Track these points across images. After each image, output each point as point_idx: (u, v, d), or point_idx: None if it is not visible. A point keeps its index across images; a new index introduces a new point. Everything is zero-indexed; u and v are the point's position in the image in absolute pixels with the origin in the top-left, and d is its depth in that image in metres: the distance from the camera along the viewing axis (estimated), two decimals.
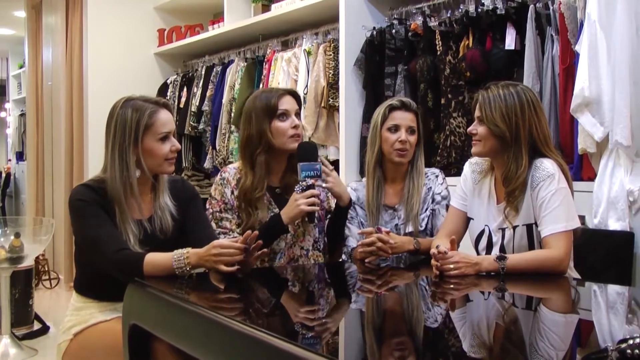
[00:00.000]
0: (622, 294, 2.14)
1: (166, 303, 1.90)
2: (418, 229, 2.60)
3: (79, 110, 5.65)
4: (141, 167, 2.21)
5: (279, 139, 2.48)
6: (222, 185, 2.52)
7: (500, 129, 2.22)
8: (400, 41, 3.70)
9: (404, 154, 2.59)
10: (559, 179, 2.19)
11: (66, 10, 5.92)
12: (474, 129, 2.29)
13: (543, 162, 2.22)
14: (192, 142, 5.31)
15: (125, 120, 2.18)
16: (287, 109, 2.49)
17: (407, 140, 2.58)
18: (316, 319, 1.78)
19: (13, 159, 9.67)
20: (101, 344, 2.18)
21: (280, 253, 2.52)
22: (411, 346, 1.52)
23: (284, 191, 2.54)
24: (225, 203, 2.50)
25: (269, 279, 2.37)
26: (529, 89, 2.32)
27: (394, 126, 2.60)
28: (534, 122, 2.23)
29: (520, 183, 2.22)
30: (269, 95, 2.51)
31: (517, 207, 2.24)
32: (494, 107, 2.23)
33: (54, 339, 3.79)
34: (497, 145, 2.25)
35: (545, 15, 3.10)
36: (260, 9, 4.64)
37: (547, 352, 1.46)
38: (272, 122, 2.47)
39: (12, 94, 9.87)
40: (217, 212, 2.50)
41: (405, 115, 2.61)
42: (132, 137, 2.18)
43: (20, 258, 3.57)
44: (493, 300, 2.01)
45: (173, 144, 2.25)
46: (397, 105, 2.63)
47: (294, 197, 2.42)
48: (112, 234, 2.14)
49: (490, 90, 2.26)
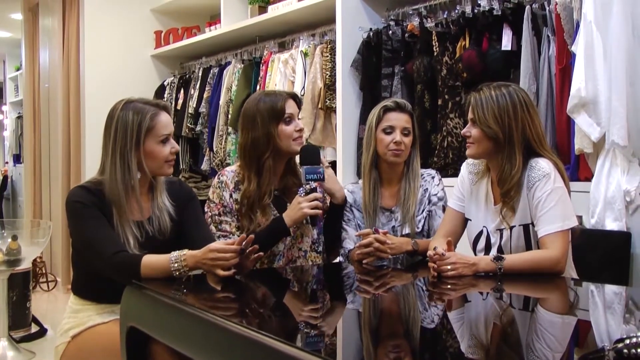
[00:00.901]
0: (619, 294, 2.14)
1: (164, 305, 1.90)
2: (415, 230, 2.59)
3: (76, 113, 5.64)
4: (142, 169, 2.21)
5: (285, 142, 2.48)
6: (220, 188, 2.52)
7: (493, 130, 2.22)
8: (397, 42, 3.70)
9: (399, 154, 2.59)
10: (554, 179, 2.19)
11: (63, 12, 5.91)
12: (468, 131, 2.30)
13: (539, 162, 2.22)
14: (190, 144, 5.31)
15: (126, 122, 2.18)
16: (292, 113, 2.50)
17: (401, 141, 2.58)
18: (314, 320, 1.78)
19: (10, 162, 9.66)
20: (99, 346, 2.18)
21: (279, 255, 2.52)
22: (409, 347, 1.52)
23: (282, 194, 2.54)
24: (224, 206, 2.50)
25: (266, 280, 2.37)
26: (521, 89, 2.33)
27: (389, 127, 2.60)
28: (526, 122, 2.23)
29: (515, 183, 2.22)
30: (274, 99, 2.50)
31: (514, 207, 2.25)
32: (486, 108, 2.23)
33: (51, 342, 3.78)
34: (491, 146, 2.25)
35: (541, 15, 3.11)
36: (257, 10, 4.64)
37: (544, 352, 1.46)
38: (279, 126, 2.47)
39: (9, 97, 9.86)
40: (216, 215, 2.50)
41: (399, 117, 2.61)
42: (134, 140, 2.18)
43: (17, 261, 3.56)
44: (491, 301, 2.01)
45: (173, 145, 2.26)
46: (391, 107, 2.63)
47: (297, 200, 2.43)
48: (110, 236, 2.14)
49: (482, 92, 2.26)
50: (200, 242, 2.16)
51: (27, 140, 6.88)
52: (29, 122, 6.83)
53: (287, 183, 2.55)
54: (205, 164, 5.06)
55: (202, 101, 5.06)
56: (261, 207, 2.48)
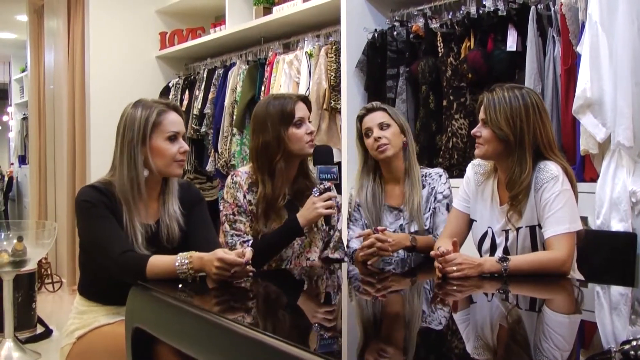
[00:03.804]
0: (625, 295, 2.13)
1: (169, 306, 1.90)
2: (423, 227, 2.61)
3: (81, 114, 5.66)
4: (149, 166, 2.21)
5: (296, 145, 2.47)
6: (233, 188, 2.51)
7: (504, 133, 2.21)
8: (402, 43, 3.70)
9: (384, 149, 2.62)
10: (562, 181, 2.19)
11: (68, 14, 5.93)
12: (478, 131, 2.29)
13: (547, 164, 2.22)
14: (194, 145, 5.32)
15: (134, 118, 2.20)
16: (302, 117, 2.49)
17: (380, 135, 2.62)
18: (319, 321, 1.78)
19: (15, 163, 9.68)
20: (104, 347, 2.18)
21: (287, 261, 2.52)
22: (415, 348, 1.52)
23: (294, 197, 2.54)
24: (239, 206, 2.49)
25: (272, 281, 2.37)
26: (534, 92, 2.31)
27: (366, 130, 2.67)
28: (538, 126, 2.22)
29: (524, 187, 2.21)
30: (284, 102, 2.49)
31: (521, 210, 2.24)
32: (499, 110, 2.22)
33: (57, 343, 3.79)
34: (500, 148, 2.25)
35: (546, 16, 3.10)
36: (261, 11, 4.64)
37: (552, 353, 1.46)
38: (289, 129, 2.47)
39: (14, 98, 9.88)
40: (230, 214, 2.49)
41: (372, 117, 2.68)
42: (141, 135, 2.18)
43: (23, 262, 3.57)
44: (497, 302, 2.01)
45: (181, 145, 2.24)
46: (362, 113, 2.72)
47: (312, 201, 2.43)
48: (117, 236, 2.13)
49: (495, 93, 2.25)
50: (204, 245, 2.16)
51: (33, 142, 6.90)
52: (35, 124, 6.85)
53: (300, 186, 2.55)
54: (210, 165, 5.06)
55: (207, 102, 5.07)
56: (275, 210, 2.48)
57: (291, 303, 2.10)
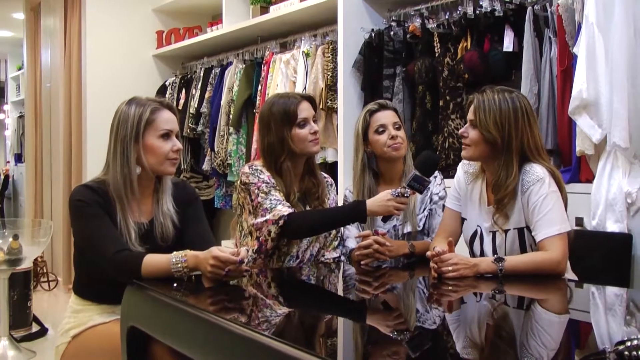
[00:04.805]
0: (620, 296, 2.14)
1: (164, 305, 1.90)
2: (416, 228, 2.61)
3: (78, 112, 5.65)
4: (142, 164, 2.21)
5: (300, 145, 2.48)
6: (254, 174, 2.47)
7: (492, 135, 2.21)
8: (399, 43, 3.70)
9: (398, 147, 2.62)
10: (549, 183, 2.19)
11: (65, 12, 5.92)
12: (466, 132, 2.29)
13: (532, 167, 2.22)
14: (191, 144, 5.32)
15: (127, 115, 2.20)
16: (306, 117, 2.49)
17: (397, 134, 2.62)
18: (315, 320, 1.78)
19: (11, 161, 9.68)
20: (99, 346, 2.18)
21: (290, 256, 2.52)
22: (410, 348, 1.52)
23: (303, 196, 2.54)
24: (266, 183, 2.45)
25: (268, 280, 2.37)
26: (523, 96, 2.32)
27: (380, 126, 2.64)
28: (526, 132, 2.22)
29: (510, 191, 2.22)
30: (287, 103, 2.49)
31: (507, 213, 2.25)
32: (488, 112, 2.22)
33: (52, 341, 3.79)
34: (487, 150, 2.25)
35: (543, 17, 3.10)
36: (258, 10, 4.64)
37: (547, 353, 1.46)
38: (292, 130, 2.47)
39: (10, 96, 9.88)
40: (263, 185, 2.44)
41: (387, 114, 2.66)
42: (134, 132, 2.18)
43: (18, 260, 3.57)
44: (492, 302, 2.01)
45: (174, 143, 2.24)
46: (375, 108, 2.68)
47: (387, 197, 2.37)
48: (112, 235, 2.13)
49: (486, 94, 2.26)
50: (199, 242, 2.16)
51: (29, 140, 6.89)
52: (31, 122, 6.84)
53: (307, 185, 2.55)
54: (207, 164, 5.06)
55: (203, 101, 5.07)
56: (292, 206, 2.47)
57: (287, 302, 2.09)
